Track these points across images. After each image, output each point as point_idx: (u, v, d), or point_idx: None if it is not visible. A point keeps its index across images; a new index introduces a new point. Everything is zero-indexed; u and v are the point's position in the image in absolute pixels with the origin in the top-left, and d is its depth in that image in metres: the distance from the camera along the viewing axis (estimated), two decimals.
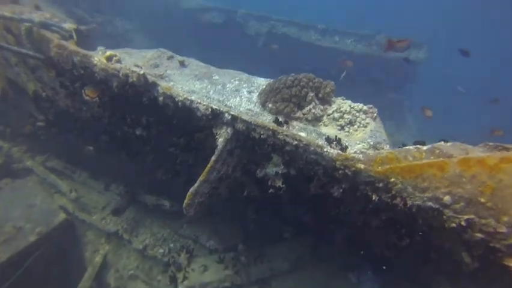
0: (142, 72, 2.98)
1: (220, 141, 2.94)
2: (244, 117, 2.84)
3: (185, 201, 2.89)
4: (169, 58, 3.86)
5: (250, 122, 2.82)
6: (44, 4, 6.64)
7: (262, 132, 2.82)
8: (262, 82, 3.66)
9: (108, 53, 3.41)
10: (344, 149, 2.63)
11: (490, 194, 2.02)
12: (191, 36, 10.65)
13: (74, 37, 4.22)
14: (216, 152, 2.92)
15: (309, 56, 9.81)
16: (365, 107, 3.16)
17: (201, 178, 2.92)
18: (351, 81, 9.14)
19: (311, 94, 3.01)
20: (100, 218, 4.65)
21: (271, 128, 2.76)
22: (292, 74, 3.17)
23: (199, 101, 2.97)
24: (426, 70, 10.79)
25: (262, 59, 9.73)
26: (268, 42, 10.08)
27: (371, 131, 3.00)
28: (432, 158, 2.29)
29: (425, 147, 2.42)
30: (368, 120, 3.06)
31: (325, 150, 2.59)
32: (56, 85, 4.22)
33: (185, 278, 3.96)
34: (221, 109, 2.90)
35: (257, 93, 3.47)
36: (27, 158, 5.31)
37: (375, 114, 3.15)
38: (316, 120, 3.09)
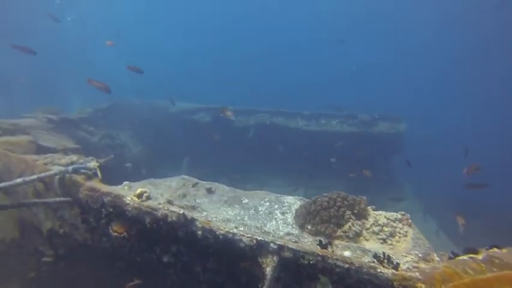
0: (181, 212, 3.05)
1: (268, 270, 2.88)
2: (291, 245, 2.86)
3: None
4: (194, 185, 4.01)
5: (298, 250, 2.83)
6: (51, 133, 7.08)
7: (311, 259, 2.82)
8: (291, 201, 3.80)
9: (139, 190, 3.52)
10: (396, 266, 2.63)
11: None
12: (182, 137, 11.16)
13: (99, 175, 4.38)
14: (267, 283, 2.83)
15: (299, 141, 10.62)
16: (398, 215, 3.28)
17: None
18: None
19: (348, 212, 3.14)
20: None
21: (320, 253, 2.77)
22: (325, 194, 3.35)
23: (241, 233, 2.99)
24: None
25: (254, 149, 10.15)
26: (257, 132, 10.80)
27: (412, 239, 3.06)
28: (494, 269, 2.32)
29: (480, 257, 2.46)
30: (405, 228, 3.16)
31: (379, 271, 2.59)
32: (77, 221, 4.18)
33: None
34: (266, 239, 2.92)
35: (290, 214, 3.56)
36: None
37: (410, 221, 3.26)
38: (356, 235, 3.14)
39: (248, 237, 2.96)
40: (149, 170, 9.42)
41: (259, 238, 2.93)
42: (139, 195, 3.49)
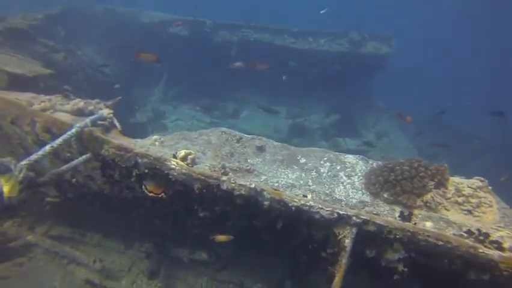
0: (253, 185, 2.55)
1: (347, 242, 2.62)
2: (378, 220, 2.54)
3: None
4: (239, 141, 3.44)
5: (386, 225, 2.53)
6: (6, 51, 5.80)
7: (398, 234, 2.56)
8: (353, 161, 3.39)
9: (183, 152, 2.92)
10: (500, 247, 2.42)
11: None
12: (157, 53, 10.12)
13: (118, 125, 3.65)
14: (346, 254, 2.60)
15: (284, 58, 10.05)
16: (479, 182, 3.01)
17: (336, 284, 2.59)
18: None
19: (431, 183, 2.80)
20: (130, 283, 4.17)
21: (411, 229, 2.50)
22: (402, 161, 2.96)
23: (320, 205, 2.61)
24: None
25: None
26: (241, 50, 9.91)
27: (497, 209, 2.85)
28: None
29: None
30: (489, 197, 2.92)
31: (480, 251, 2.39)
32: (93, 174, 3.67)
33: None
34: (349, 213, 2.57)
35: (356, 177, 3.19)
36: (25, 231, 4.48)
37: (489, 187, 3.02)
38: (437, 205, 2.87)
39: (328, 210, 2.59)
40: (124, 88, 8.38)
41: (341, 212, 2.58)
42: (184, 158, 2.90)
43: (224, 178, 2.62)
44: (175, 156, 3.01)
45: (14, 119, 3.77)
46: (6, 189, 1.70)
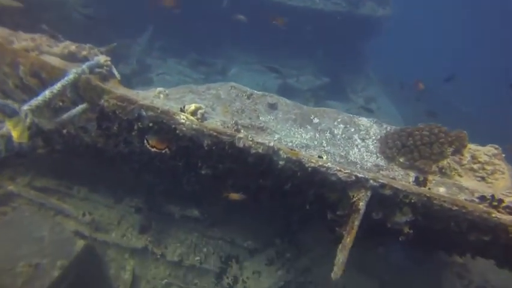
0: (271, 144, 2.39)
1: (361, 204, 2.59)
2: (396, 184, 2.49)
3: (338, 272, 2.58)
4: (249, 97, 3.22)
5: (404, 190, 2.49)
6: None
7: (413, 198, 2.53)
8: (367, 124, 3.26)
9: (193, 106, 2.69)
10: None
11: None
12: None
13: (117, 75, 3.33)
14: (359, 217, 2.58)
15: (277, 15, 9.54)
16: (493, 150, 2.98)
17: (348, 245, 2.60)
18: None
19: (450, 149, 2.73)
20: (120, 236, 4.22)
21: (428, 195, 2.47)
22: (421, 126, 2.85)
23: (338, 167, 2.51)
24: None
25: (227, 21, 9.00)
26: (232, 2, 9.14)
27: (510, 176, 2.85)
28: None
29: None
30: (503, 165, 2.90)
31: (493, 216, 2.41)
32: (88, 125, 3.43)
33: None
34: (367, 176, 2.50)
35: (370, 140, 3.09)
36: (5, 181, 4.31)
37: (503, 155, 3.00)
38: (451, 171, 2.85)
39: (346, 172, 2.51)
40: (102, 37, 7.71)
41: (359, 175, 2.49)
42: (193, 113, 2.68)
43: (241, 135, 2.45)
44: (182, 110, 2.79)
45: None
46: (15, 134, 1.47)
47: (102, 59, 3.35)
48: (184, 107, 2.78)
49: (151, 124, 2.85)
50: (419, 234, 2.81)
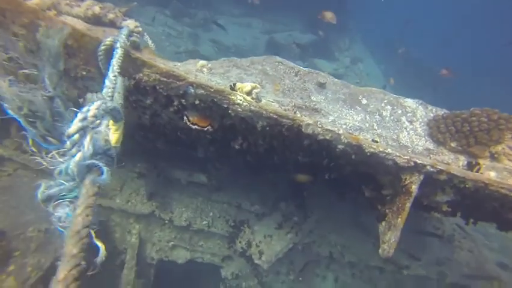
0: (340, 131, 2.31)
1: (414, 188, 2.63)
2: (456, 172, 2.51)
3: (390, 250, 2.67)
4: (297, 74, 3.05)
5: (462, 177, 2.53)
6: None
7: (469, 184, 2.58)
8: (413, 105, 3.21)
9: (249, 86, 2.52)
10: None
11: None
12: None
13: (150, 43, 3.03)
14: (411, 199, 2.64)
15: None
16: None
17: (399, 225, 2.67)
18: None
19: (509, 135, 2.76)
20: (124, 201, 4.25)
21: (486, 181, 2.53)
22: (477, 111, 2.82)
23: (397, 153, 2.49)
24: None
25: None
26: None
27: None
28: None
29: None
30: None
31: None
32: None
33: (260, 254, 4.13)
34: (424, 162, 2.50)
35: (418, 123, 3.06)
36: None
37: None
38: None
39: (405, 158, 2.49)
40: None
41: (418, 161, 2.49)
42: (249, 92, 2.51)
43: (310, 121, 2.33)
44: (232, 88, 2.60)
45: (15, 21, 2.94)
46: (114, 138, 1.30)
47: (132, 24, 3.03)
48: (234, 85, 2.60)
49: (197, 102, 2.67)
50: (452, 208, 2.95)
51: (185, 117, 2.89)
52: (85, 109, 1.12)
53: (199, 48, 8.94)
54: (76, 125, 1.07)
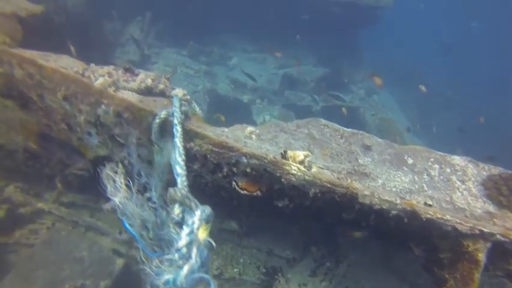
0: (398, 201, 2.28)
1: (481, 256, 2.48)
2: None
3: None
4: (342, 136, 3.10)
5: None
6: None
7: None
8: (461, 163, 3.14)
9: (301, 155, 2.56)
10: None
11: None
12: None
13: (198, 110, 3.21)
14: (480, 269, 2.48)
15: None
16: None
17: None
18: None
19: None
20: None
21: None
22: None
23: (458, 220, 2.40)
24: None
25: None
26: None
27: None
28: None
29: None
30: None
31: None
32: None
33: None
34: (491, 231, 2.39)
35: (471, 182, 2.97)
36: (32, 198, 4.20)
37: None
38: None
39: (468, 226, 2.39)
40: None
41: (485, 230, 2.38)
42: (302, 161, 2.56)
43: (367, 192, 2.33)
44: (283, 156, 2.66)
45: (69, 96, 3.23)
46: (201, 236, 1.34)
47: (180, 93, 3.24)
48: (285, 153, 2.66)
49: (248, 170, 2.73)
50: None
51: (234, 183, 2.95)
52: (190, 221, 1.17)
53: (216, 86, 9.33)
54: (184, 239, 1.11)
